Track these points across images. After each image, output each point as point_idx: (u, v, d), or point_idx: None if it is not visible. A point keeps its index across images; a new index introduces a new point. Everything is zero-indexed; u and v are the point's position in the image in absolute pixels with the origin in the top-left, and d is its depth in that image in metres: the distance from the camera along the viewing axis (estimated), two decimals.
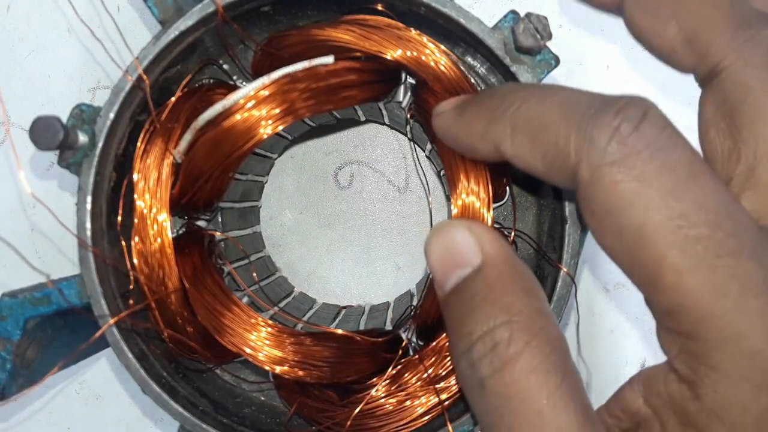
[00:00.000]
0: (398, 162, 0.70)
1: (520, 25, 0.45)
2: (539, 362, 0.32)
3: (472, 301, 0.34)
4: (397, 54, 0.48)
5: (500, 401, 0.32)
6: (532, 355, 0.32)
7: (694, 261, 0.30)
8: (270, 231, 0.71)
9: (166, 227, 0.49)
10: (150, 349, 0.50)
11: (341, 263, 0.71)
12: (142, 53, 0.47)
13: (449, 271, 0.35)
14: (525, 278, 0.35)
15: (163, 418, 0.72)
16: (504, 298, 0.34)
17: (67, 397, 0.72)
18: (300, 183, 0.71)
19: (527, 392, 0.32)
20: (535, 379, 0.32)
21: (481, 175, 0.48)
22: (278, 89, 0.47)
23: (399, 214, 0.70)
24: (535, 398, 0.31)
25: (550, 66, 0.47)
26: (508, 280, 0.34)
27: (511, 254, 0.35)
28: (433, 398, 0.50)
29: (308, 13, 0.52)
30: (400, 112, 0.57)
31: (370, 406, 0.51)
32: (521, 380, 0.32)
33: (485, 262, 0.35)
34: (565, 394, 0.32)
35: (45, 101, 0.71)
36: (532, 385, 0.32)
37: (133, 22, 0.70)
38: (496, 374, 0.32)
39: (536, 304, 0.34)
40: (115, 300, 0.48)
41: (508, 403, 0.32)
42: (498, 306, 0.33)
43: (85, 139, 0.46)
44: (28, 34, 0.72)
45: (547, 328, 0.33)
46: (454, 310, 0.35)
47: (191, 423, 0.48)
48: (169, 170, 0.49)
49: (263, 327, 0.51)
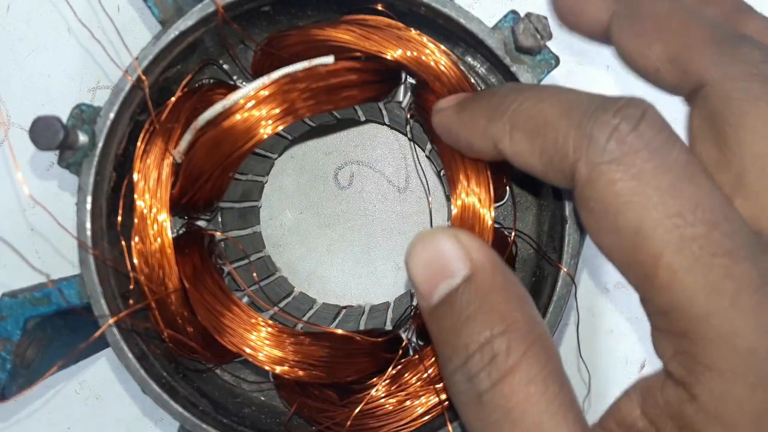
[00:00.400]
0: (398, 162, 0.70)
1: (520, 25, 0.45)
2: (537, 372, 0.32)
3: (465, 312, 0.33)
4: (397, 54, 0.48)
5: (499, 414, 0.31)
6: (530, 365, 0.32)
7: (690, 260, 0.30)
8: (270, 231, 0.71)
9: (166, 227, 0.49)
10: (150, 349, 0.50)
11: (341, 263, 0.71)
12: (142, 53, 0.47)
13: (436, 281, 0.34)
14: (516, 286, 0.34)
15: (163, 418, 0.72)
16: (499, 306, 0.33)
17: (66, 398, 0.72)
18: (300, 183, 0.71)
19: (527, 404, 0.31)
20: (534, 390, 0.31)
21: (481, 175, 0.48)
22: (278, 89, 0.47)
23: (399, 214, 0.70)
24: (535, 409, 0.31)
25: (550, 66, 0.47)
26: (500, 288, 0.33)
27: (500, 262, 0.34)
28: (433, 398, 0.50)
29: (308, 13, 0.52)
30: (400, 112, 0.57)
31: (370, 406, 0.51)
32: (520, 391, 0.31)
33: (475, 270, 0.33)
34: (563, 404, 0.31)
35: (45, 101, 0.71)
36: (531, 396, 0.31)
37: (133, 22, 0.70)
38: (496, 387, 0.32)
39: (530, 312, 0.33)
40: (115, 300, 0.48)
41: (508, 416, 0.31)
42: (494, 315, 0.32)
43: (85, 139, 0.46)
44: (28, 34, 0.72)
45: (542, 336, 0.33)
46: (444, 323, 0.34)
47: (191, 423, 0.48)
48: (169, 170, 0.49)
49: (263, 327, 0.51)
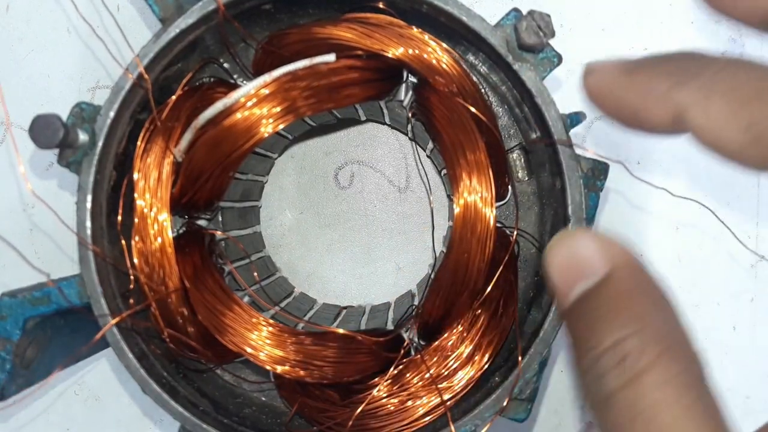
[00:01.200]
0: (399, 162, 0.70)
1: (522, 22, 0.45)
2: (673, 376, 0.30)
3: (598, 312, 0.32)
4: (399, 52, 0.47)
5: (629, 416, 0.30)
6: (665, 368, 0.30)
7: None
8: (270, 231, 0.70)
9: (167, 226, 0.49)
10: (150, 349, 0.50)
11: (341, 263, 0.71)
12: (143, 51, 0.47)
13: (573, 281, 0.33)
14: (656, 290, 0.33)
15: (163, 419, 0.71)
16: (634, 308, 0.32)
17: (66, 398, 0.72)
18: (300, 183, 0.70)
19: (659, 407, 0.30)
20: (670, 392, 0.30)
21: (483, 174, 0.48)
22: (279, 87, 0.46)
23: (399, 214, 0.70)
24: (665, 415, 0.30)
25: (552, 63, 0.47)
26: (637, 290, 0.32)
27: (641, 265, 0.33)
28: (435, 398, 0.50)
29: (309, 12, 0.52)
30: (401, 110, 0.56)
31: (371, 406, 0.51)
32: (653, 393, 0.30)
33: (613, 271, 0.33)
34: (701, 412, 0.30)
35: (45, 101, 0.71)
36: (665, 399, 0.30)
37: (133, 20, 0.69)
38: (626, 388, 0.30)
39: (669, 316, 0.32)
40: (115, 300, 0.48)
41: (638, 418, 0.30)
42: (627, 315, 0.31)
43: (85, 138, 0.46)
44: (28, 33, 0.72)
45: (681, 342, 0.31)
46: (578, 323, 0.33)
47: (191, 423, 0.48)
48: (169, 169, 0.49)
49: (264, 326, 0.50)
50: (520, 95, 0.50)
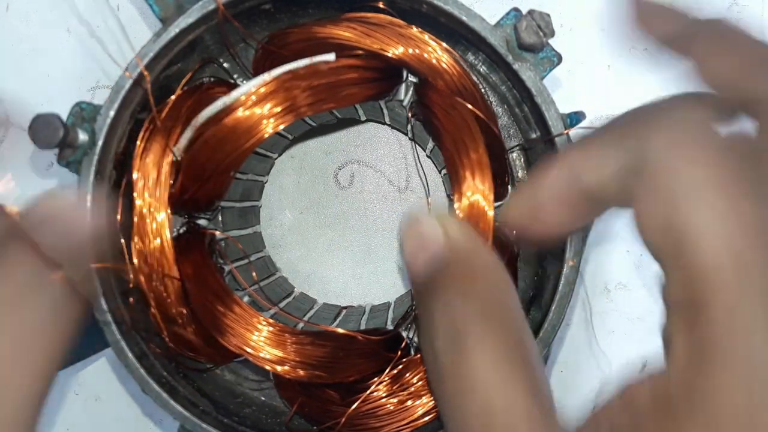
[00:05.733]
0: (399, 162, 0.70)
1: (522, 22, 0.45)
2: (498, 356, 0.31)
3: (433, 285, 0.33)
4: (399, 52, 0.47)
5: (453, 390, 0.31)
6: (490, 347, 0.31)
7: None
8: (270, 231, 0.70)
9: (166, 226, 0.49)
10: (150, 348, 0.50)
11: (341, 263, 0.71)
12: (143, 51, 0.47)
13: (417, 255, 0.35)
14: (493, 271, 0.34)
15: (163, 419, 0.71)
16: (463, 285, 0.33)
17: (66, 398, 0.72)
18: (300, 183, 0.70)
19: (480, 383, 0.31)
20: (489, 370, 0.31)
21: (483, 174, 0.48)
22: (279, 86, 0.46)
23: (400, 214, 0.70)
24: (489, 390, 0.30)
25: (552, 63, 0.47)
26: (471, 267, 0.33)
27: (479, 244, 0.34)
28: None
29: (309, 11, 0.52)
30: (401, 110, 0.56)
31: (371, 405, 0.51)
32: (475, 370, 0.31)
33: (449, 246, 0.34)
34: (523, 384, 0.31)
35: (44, 101, 0.71)
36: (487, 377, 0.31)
37: (132, 20, 0.69)
38: (454, 364, 0.31)
39: (503, 298, 0.33)
40: (115, 298, 0.48)
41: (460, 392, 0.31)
42: (455, 291, 0.33)
43: (85, 138, 0.46)
44: (28, 33, 0.72)
45: (512, 321, 0.32)
46: (419, 297, 0.35)
47: (191, 423, 0.48)
48: (168, 169, 0.49)
49: (264, 326, 0.50)
50: (519, 95, 0.50)
